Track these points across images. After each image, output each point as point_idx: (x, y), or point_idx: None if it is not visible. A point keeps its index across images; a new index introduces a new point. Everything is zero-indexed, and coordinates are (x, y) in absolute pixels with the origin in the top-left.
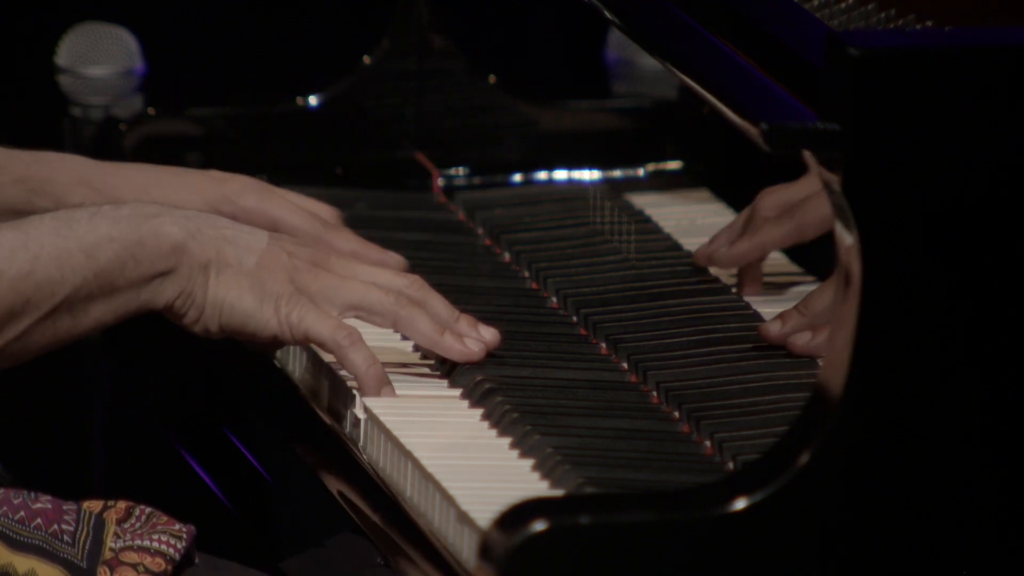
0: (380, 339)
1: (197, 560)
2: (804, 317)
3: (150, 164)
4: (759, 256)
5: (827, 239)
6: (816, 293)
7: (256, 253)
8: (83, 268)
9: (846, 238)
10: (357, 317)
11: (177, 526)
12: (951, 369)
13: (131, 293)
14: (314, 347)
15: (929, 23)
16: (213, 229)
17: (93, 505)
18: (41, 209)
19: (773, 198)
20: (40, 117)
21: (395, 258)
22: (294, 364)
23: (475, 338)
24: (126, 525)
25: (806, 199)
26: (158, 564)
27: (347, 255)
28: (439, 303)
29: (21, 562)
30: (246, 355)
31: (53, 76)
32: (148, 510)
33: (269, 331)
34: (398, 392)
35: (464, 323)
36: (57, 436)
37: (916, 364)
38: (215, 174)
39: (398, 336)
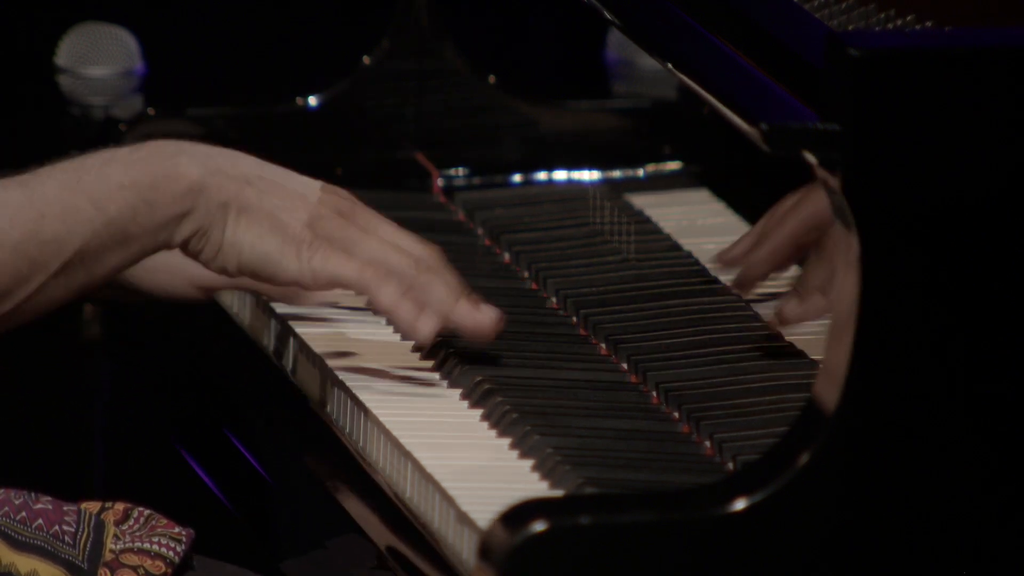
0: (381, 338)
1: (195, 563)
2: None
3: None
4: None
5: None
6: (807, 272)
7: (279, 195)
8: (92, 221)
9: (846, 239)
10: (374, 275)
11: (176, 529)
12: (951, 369)
13: (147, 239)
14: (310, 347)
15: (929, 23)
16: (234, 168)
17: (91, 506)
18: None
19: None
20: (40, 117)
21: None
22: (294, 363)
23: (489, 309)
24: (124, 527)
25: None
26: (158, 567)
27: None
28: (454, 276)
29: (23, 562)
30: (246, 355)
31: (53, 76)
32: (147, 512)
33: (289, 275)
34: (398, 392)
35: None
36: (57, 436)
37: (916, 364)
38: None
39: (398, 336)
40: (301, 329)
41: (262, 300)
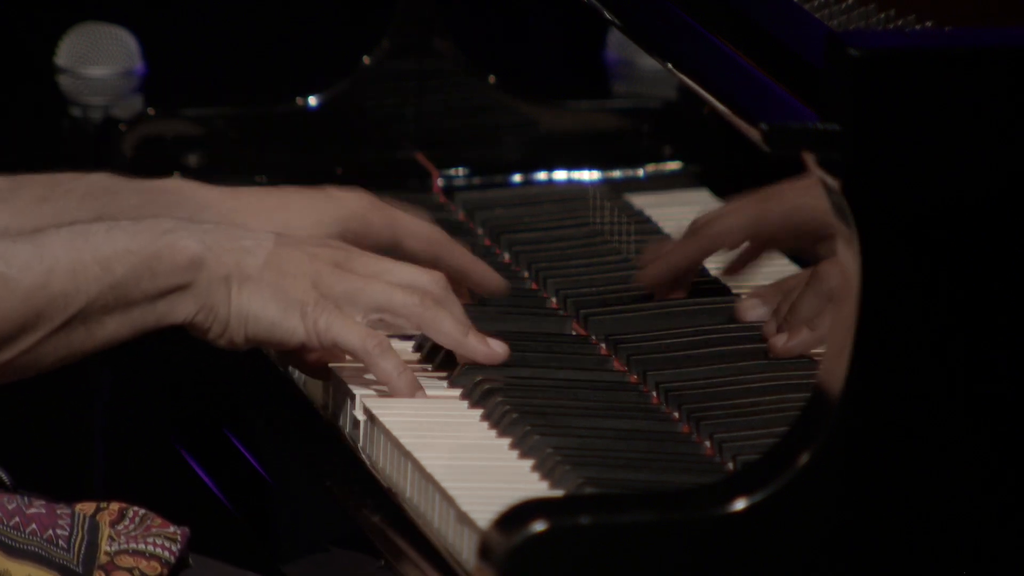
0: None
1: (191, 562)
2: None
3: (268, 187)
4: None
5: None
6: (800, 296)
7: (277, 259)
8: (98, 280)
9: (846, 238)
10: (381, 319)
11: (172, 528)
12: (951, 369)
13: (147, 307)
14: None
15: (929, 23)
16: (231, 241)
17: (86, 507)
18: None
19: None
20: (40, 117)
21: (499, 282)
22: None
23: (498, 340)
24: (119, 527)
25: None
26: (153, 568)
27: (457, 272)
28: (459, 307)
29: (18, 569)
30: (246, 355)
31: (53, 76)
32: (141, 512)
33: (296, 339)
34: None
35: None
36: (57, 436)
37: (915, 364)
38: (332, 192)
39: (398, 336)
40: None
41: None
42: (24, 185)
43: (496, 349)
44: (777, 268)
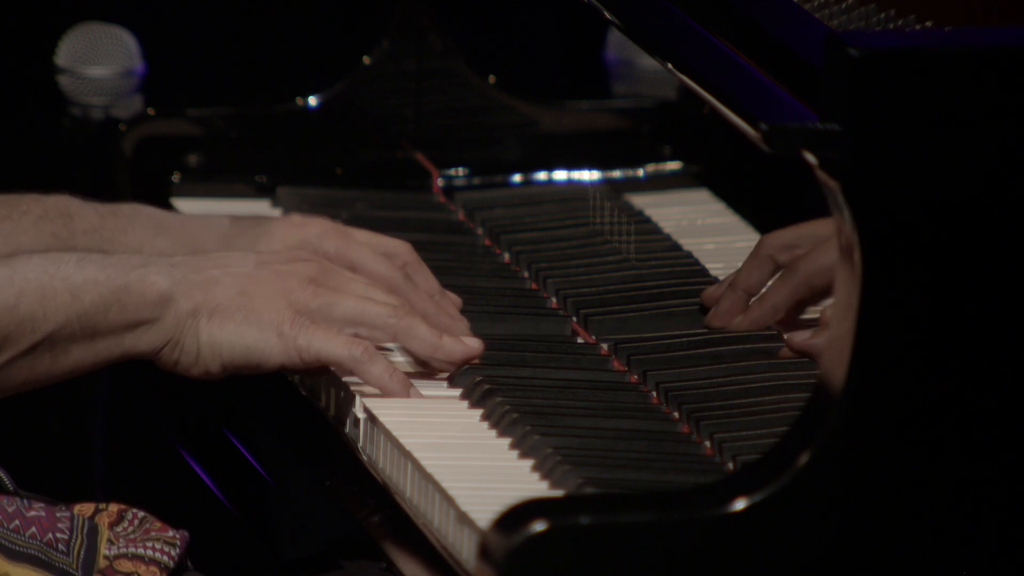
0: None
1: (190, 565)
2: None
3: (228, 214)
4: (772, 321)
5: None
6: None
7: (247, 282)
8: (67, 307)
9: (845, 238)
10: (356, 333)
11: (171, 533)
12: (951, 370)
13: (113, 339)
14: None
15: (929, 23)
16: (198, 273)
17: (84, 509)
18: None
19: (779, 238)
20: (40, 117)
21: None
22: None
23: (470, 336)
24: (118, 529)
25: (813, 248)
26: (152, 572)
27: (427, 297)
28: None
29: (17, 572)
30: None
31: (53, 76)
32: (141, 514)
33: (275, 360)
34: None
35: (450, 304)
36: (57, 437)
37: (916, 365)
38: (295, 219)
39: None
40: None
41: None
42: None
43: (472, 345)
44: None
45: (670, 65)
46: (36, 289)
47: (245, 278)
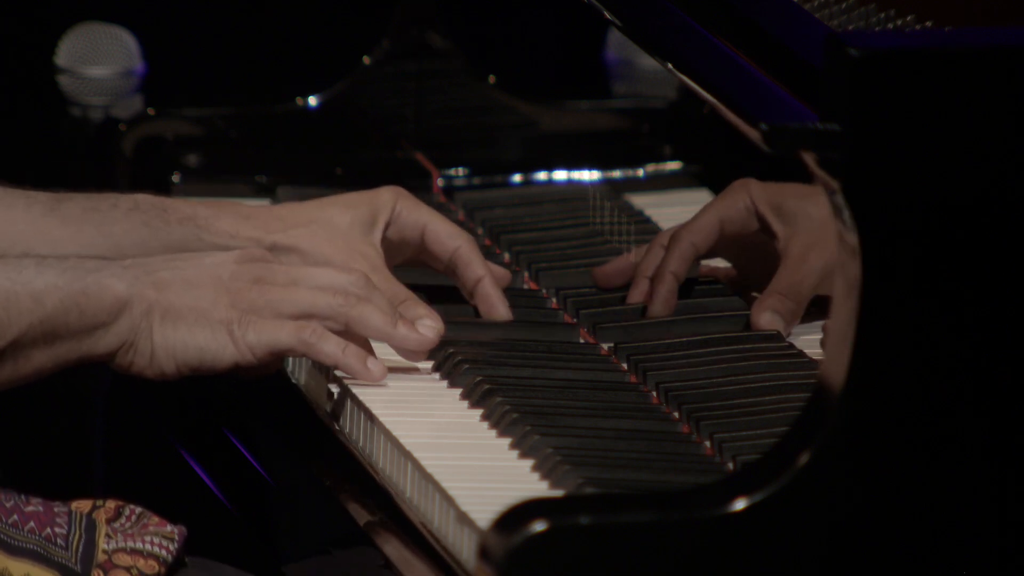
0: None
1: (188, 561)
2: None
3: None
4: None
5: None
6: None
7: (197, 286)
8: (30, 313)
9: (845, 239)
10: (312, 334)
11: (169, 527)
12: (951, 370)
13: (72, 343)
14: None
15: (929, 23)
16: (149, 275)
17: (82, 505)
18: (210, 245)
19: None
20: (40, 117)
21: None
22: (294, 365)
23: (428, 324)
24: (116, 524)
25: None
26: (151, 566)
27: (479, 275)
28: (383, 299)
29: (17, 567)
30: None
31: (53, 76)
32: (138, 510)
33: (227, 359)
34: (397, 393)
35: (411, 305)
36: (56, 436)
37: (916, 364)
38: (366, 192)
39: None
40: None
41: None
42: (71, 198)
43: (427, 334)
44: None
45: (670, 65)
46: (0, 296)
47: (196, 280)
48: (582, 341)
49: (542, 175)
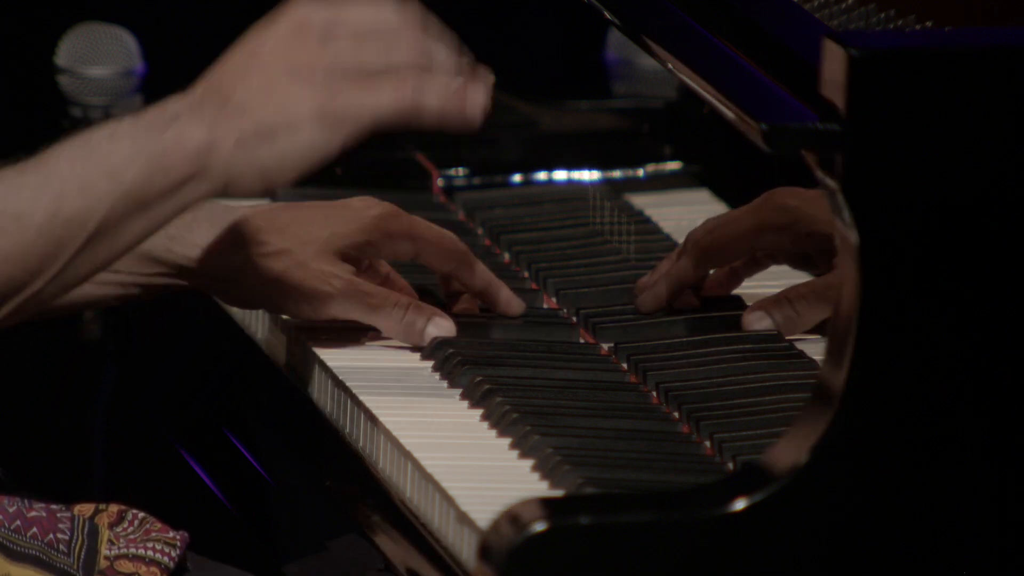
0: (382, 338)
1: (190, 566)
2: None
3: (293, 202)
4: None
5: None
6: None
7: (272, 93)
8: (111, 193)
9: (845, 239)
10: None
11: (171, 533)
12: (951, 369)
13: (166, 204)
14: (310, 348)
15: (929, 23)
16: (226, 104)
17: (84, 509)
18: (179, 256)
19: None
20: (40, 117)
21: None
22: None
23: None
24: (118, 529)
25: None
26: (153, 573)
27: (481, 287)
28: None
29: (19, 572)
30: (246, 355)
31: (53, 76)
32: (141, 515)
33: (334, 146)
34: (398, 392)
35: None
36: (57, 436)
37: (916, 364)
38: (352, 202)
39: (396, 341)
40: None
41: None
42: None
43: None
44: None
45: (670, 65)
46: (74, 185)
47: (269, 87)
48: (582, 341)
49: (542, 175)
